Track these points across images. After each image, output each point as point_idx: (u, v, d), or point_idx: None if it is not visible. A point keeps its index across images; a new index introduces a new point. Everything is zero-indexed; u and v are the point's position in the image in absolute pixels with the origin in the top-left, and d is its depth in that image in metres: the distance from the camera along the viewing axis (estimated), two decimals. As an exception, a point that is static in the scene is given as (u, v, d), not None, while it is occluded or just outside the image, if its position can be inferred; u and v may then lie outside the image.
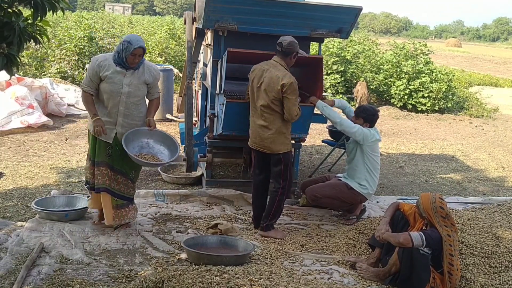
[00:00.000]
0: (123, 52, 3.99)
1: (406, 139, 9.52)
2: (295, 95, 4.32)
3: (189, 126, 5.05)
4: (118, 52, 4.04)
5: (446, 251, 3.59)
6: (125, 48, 3.98)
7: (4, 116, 7.71)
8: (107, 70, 4.06)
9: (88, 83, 4.11)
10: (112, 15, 29.37)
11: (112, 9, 58.03)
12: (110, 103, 4.12)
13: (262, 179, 4.67)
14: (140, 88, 4.17)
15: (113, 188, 4.21)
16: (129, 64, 4.04)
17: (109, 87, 4.06)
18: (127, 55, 3.99)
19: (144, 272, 3.52)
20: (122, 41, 4.04)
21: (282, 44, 4.33)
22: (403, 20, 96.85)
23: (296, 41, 4.38)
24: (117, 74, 4.07)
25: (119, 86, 4.08)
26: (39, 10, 2.77)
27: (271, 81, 4.28)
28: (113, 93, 4.08)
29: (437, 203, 3.70)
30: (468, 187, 6.67)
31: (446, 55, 31.49)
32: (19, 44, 2.82)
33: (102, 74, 4.06)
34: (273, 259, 4.01)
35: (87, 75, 4.12)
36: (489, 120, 12.45)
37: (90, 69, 4.11)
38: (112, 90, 4.07)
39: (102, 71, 4.06)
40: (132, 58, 4.01)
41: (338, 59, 12.89)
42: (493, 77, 20.14)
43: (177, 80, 10.90)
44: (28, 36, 2.87)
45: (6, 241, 3.92)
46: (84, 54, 12.61)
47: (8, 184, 5.51)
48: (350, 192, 4.87)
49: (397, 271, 3.69)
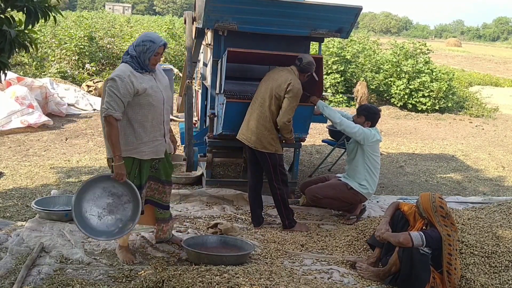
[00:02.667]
0: (145, 54, 3.51)
1: (406, 139, 9.52)
2: (296, 101, 4.50)
3: (189, 126, 5.05)
4: (137, 57, 3.53)
5: (446, 251, 3.59)
6: (147, 48, 3.50)
7: (4, 116, 7.72)
8: (141, 81, 3.52)
9: (119, 107, 3.44)
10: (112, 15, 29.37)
11: (112, 8, 58.03)
12: (151, 117, 3.59)
13: (255, 180, 4.79)
14: (169, 90, 3.81)
15: (157, 199, 3.89)
16: (152, 66, 3.58)
17: (150, 98, 3.55)
18: (150, 56, 3.51)
19: (144, 272, 3.52)
20: (139, 43, 3.53)
21: (302, 61, 4.60)
22: (403, 20, 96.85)
23: (315, 63, 4.63)
24: (150, 81, 3.59)
25: (159, 93, 3.61)
26: (31, 16, 2.76)
27: (281, 79, 4.50)
28: (155, 104, 3.57)
29: (437, 203, 3.69)
30: (468, 187, 6.67)
31: (446, 55, 31.47)
32: (10, 51, 2.81)
33: (140, 87, 3.49)
34: (273, 258, 4.01)
35: (114, 98, 3.41)
36: (489, 119, 12.45)
37: (119, 88, 3.42)
38: (155, 99, 3.57)
39: (138, 85, 3.49)
40: (156, 58, 3.56)
41: (338, 58, 12.90)
42: (493, 76, 20.13)
43: (177, 80, 10.90)
44: (19, 44, 2.86)
45: (6, 241, 3.92)
46: (84, 54, 12.62)
47: (8, 183, 5.51)
48: (350, 192, 4.87)
49: (397, 271, 3.69)
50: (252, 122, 4.57)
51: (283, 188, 4.65)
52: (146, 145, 3.60)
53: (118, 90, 3.42)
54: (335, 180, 5.03)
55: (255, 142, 4.55)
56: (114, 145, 3.46)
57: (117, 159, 3.48)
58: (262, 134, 4.53)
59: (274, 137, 4.58)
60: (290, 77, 4.51)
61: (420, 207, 3.76)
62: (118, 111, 3.43)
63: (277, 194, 4.64)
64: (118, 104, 3.43)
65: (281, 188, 4.63)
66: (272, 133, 4.57)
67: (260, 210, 4.79)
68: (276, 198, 4.66)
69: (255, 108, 4.60)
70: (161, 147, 3.71)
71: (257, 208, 4.76)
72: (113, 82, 3.43)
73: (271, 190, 4.68)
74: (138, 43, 3.54)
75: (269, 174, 4.63)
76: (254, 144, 4.56)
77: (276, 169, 4.60)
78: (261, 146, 4.55)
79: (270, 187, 4.67)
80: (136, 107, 3.53)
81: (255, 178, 4.79)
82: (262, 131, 4.53)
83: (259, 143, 4.55)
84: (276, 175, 4.61)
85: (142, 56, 3.52)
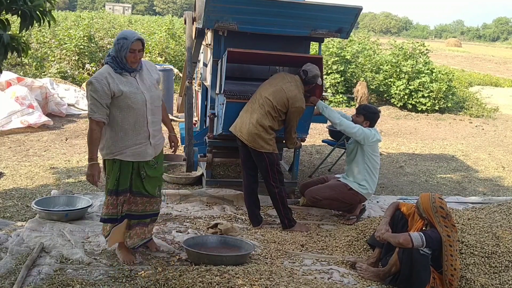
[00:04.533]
0: (120, 52, 3.42)
1: (406, 139, 9.52)
2: (299, 116, 4.65)
3: (189, 126, 5.05)
4: (115, 57, 3.46)
5: (447, 252, 3.59)
6: (121, 46, 3.41)
7: (4, 116, 7.72)
8: (119, 83, 3.44)
9: (98, 109, 3.39)
10: (112, 15, 29.36)
11: (112, 9, 58.04)
12: (134, 119, 3.50)
13: (250, 180, 4.79)
14: (156, 88, 3.67)
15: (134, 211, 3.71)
16: (130, 64, 3.46)
17: (129, 100, 3.45)
18: (125, 53, 3.41)
19: (144, 272, 3.52)
20: (115, 42, 3.46)
21: (307, 74, 4.66)
22: (403, 20, 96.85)
23: (319, 74, 4.71)
24: (130, 82, 3.49)
25: (140, 95, 3.50)
26: (27, 20, 2.75)
27: (289, 94, 4.56)
28: (137, 105, 3.48)
29: (437, 203, 3.69)
30: (468, 187, 6.67)
31: (446, 55, 31.48)
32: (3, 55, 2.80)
33: (117, 89, 3.40)
34: (273, 259, 4.01)
35: (93, 101, 3.38)
36: (489, 120, 12.45)
37: (97, 91, 3.37)
38: (134, 102, 3.47)
39: (114, 86, 3.41)
40: (132, 55, 3.43)
41: (338, 58, 12.90)
42: (493, 76, 20.13)
43: (177, 80, 10.91)
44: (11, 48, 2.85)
45: (6, 241, 3.92)
46: (84, 54, 12.62)
47: (8, 184, 5.51)
48: (350, 193, 4.87)
49: (397, 271, 3.69)
50: (252, 122, 4.56)
51: (281, 187, 4.65)
52: (128, 148, 3.53)
53: (96, 92, 3.38)
54: (334, 181, 5.03)
55: (253, 141, 4.55)
56: (92, 148, 3.47)
57: (89, 159, 3.50)
58: (260, 134, 4.53)
59: (271, 137, 4.60)
60: (298, 95, 4.57)
61: (420, 208, 3.75)
62: (97, 113, 3.39)
63: (275, 193, 4.63)
64: (97, 107, 3.39)
65: (279, 186, 4.63)
66: (271, 134, 4.59)
67: (258, 209, 4.78)
68: (274, 197, 4.66)
69: (256, 109, 4.59)
70: (147, 150, 3.59)
71: (254, 207, 4.76)
72: (90, 85, 3.40)
73: (268, 189, 4.68)
74: (114, 42, 3.49)
75: (265, 173, 4.63)
76: (252, 144, 4.56)
77: (274, 168, 4.61)
78: (258, 145, 4.55)
79: (267, 186, 4.67)
80: (115, 110, 3.46)
81: (250, 178, 4.78)
82: (260, 132, 4.54)
83: (257, 143, 4.55)
84: (274, 174, 4.61)
85: (119, 55, 3.45)
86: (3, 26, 2.78)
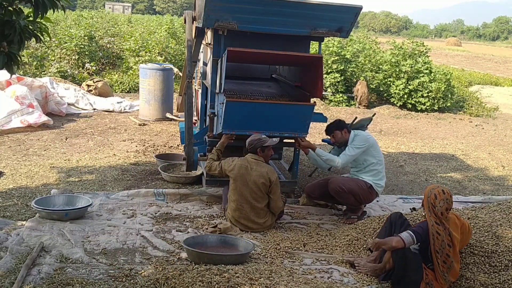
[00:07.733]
0: None
1: (406, 138, 9.52)
2: (279, 188, 4.65)
3: (189, 125, 5.05)
4: None
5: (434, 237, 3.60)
6: None
7: (4, 116, 7.71)
8: None
9: None
10: (112, 14, 29.35)
11: (112, 8, 57.93)
12: None
13: None
14: None
15: None
16: None
17: None
18: None
19: (144, 271, 3.52)
20: None
21: (247, 145, 4.67)
22: (403, 19, 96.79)
23: (258, 137, 4.63)
24: None
25: None
26: (39, 8, 2.75)
27: (261, 176, 4.53)
28: None
29: (431, 199, 3.72)
30: (468, 186, 6.67)
31: (446, 54, 31.49)
32: (19, 43, 2.79)
33: None
34: (273, 258, 4.01)
35: None
36: (489, 119, 12.45)
37: None
38: None
39: None
40: None
41: (338, 58, 12.90)
42: (493, 76, 20.14)
43: (177, 79, 10.90)
44: (29, 34, 2.85)
45: (6, 240, 3.92)
46: (84, 53, 12.63)
47: (8, 183, 5.51)
48: (368, 191, 4.92)
49: (391, 268, 3.74)
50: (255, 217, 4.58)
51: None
52: None
53: None
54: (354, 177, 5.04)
55: (263, 224, 4.62)
56: None
57: None
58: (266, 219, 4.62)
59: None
60: (265, 170, 4.56)
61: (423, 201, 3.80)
62: None
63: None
64: None
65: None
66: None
67: None
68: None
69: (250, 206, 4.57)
70: None
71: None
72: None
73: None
74: None
75: None
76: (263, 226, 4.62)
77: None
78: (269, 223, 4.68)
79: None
80: None
81: None
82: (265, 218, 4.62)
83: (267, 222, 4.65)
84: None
85: None
86: (17, 15, 2.78)
